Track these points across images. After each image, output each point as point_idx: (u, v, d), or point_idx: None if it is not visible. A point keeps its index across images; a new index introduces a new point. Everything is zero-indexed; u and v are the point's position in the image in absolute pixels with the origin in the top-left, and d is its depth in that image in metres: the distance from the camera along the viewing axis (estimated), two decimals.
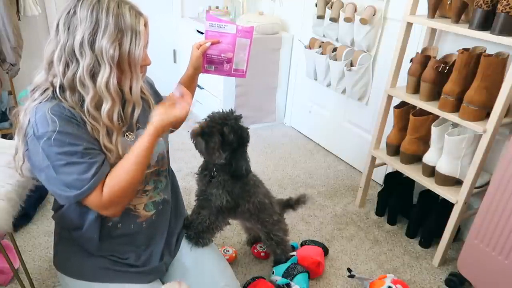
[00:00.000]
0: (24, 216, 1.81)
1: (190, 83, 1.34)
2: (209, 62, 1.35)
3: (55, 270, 1.59)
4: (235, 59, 1.35)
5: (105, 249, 1.11)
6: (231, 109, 1.28)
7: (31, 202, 1.84)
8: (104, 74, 0.93)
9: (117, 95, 0.98)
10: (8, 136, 2.32)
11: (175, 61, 3.33)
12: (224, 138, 1.23)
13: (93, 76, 0.94)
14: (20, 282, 1.35)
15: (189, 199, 1.99)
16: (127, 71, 0.98)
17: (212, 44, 1.31)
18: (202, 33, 2.83)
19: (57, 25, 0.93)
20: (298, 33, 2.81)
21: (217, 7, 3.12)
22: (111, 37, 0.92)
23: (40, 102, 0.93)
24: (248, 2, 3.07)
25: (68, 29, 0.92)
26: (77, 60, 0.92)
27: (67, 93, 0.95)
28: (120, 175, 0.98)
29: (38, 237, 1.77)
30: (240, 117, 1.27)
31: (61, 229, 1.15)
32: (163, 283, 1.21)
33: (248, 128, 1.31)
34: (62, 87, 0.95)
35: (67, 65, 0.93)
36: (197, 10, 3.12)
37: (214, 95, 2.80)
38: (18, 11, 2.27)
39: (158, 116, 1.01)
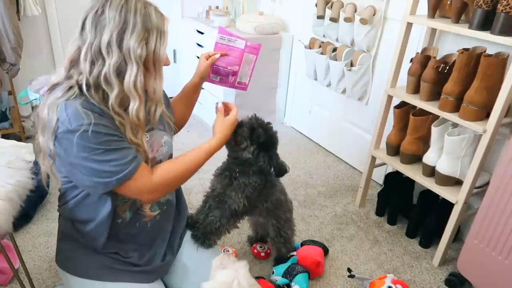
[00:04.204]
0: (24, 216, 1.81)
1: (195, 91, 1.37)
2: (215, 72, 1.39)
3: (55, 270, 1.60)
4: (240, 73, 1.40)
5: (111, 247, 1.12)
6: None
7: (31, 202, 1.83)
8: (131, 72, 0.95)
9: (143, 93, 1.00)
10: (9, 136, 2.32)
11: (175, 61, 3.33)
12: (252, 131, 1.30)
13: (119, 74, 0.95)
14: (20, 282, 1.35)
15: (189, 199, 1.99)
16: (151, 70, 1.00)
17: (220, 56, 1.35)
18: (202, 33, 2.83)
19: (83, 24, 0.94)
20: (298, 33, 2.81)
21: (217, 7, 3.12)
22: (139, 36, 0.94)
23: (67, 99, 0.94)
24: (248, 2, 3.07)
25: (96, 28, 0.93)
26: (103, 59, 0.94)
27: (92, 91, 0.96)
28: (177, 165, 1.08)
29: (38, 237, 1.77)
30: (268, 122, 1.37)
31: (66, 225, 1.15)
32: (164, 283, 1.22)
33: (276, 131, 1.37)
34: (87, 85, 0.96)
35: (92, 63, 0.94)
36: (197, 10, 3.12)
37: (214, 95, 2.80)
38: (18, 11, 2.27)
39: (220, 126, 1.18)
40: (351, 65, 2.31)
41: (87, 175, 0.95)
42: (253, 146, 1.31)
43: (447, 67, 1.59)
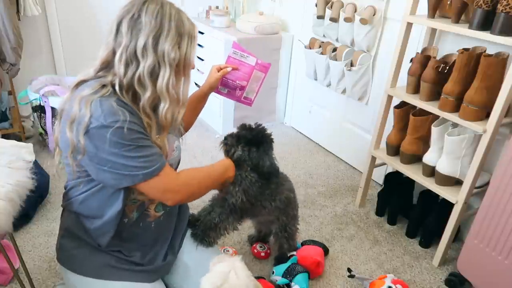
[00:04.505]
0: (24, 216, 1.81)
1: (202, 99, 1.45)
2: (223, 84, 1.46)
3: (55, 270, 1.60)
4: (247, 88, 1.46)
5: (114, 245, 1.13)
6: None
7: (31, 202, 1.83)
8: (164, 75, 1.00)
9: (174, 95, 1.04)
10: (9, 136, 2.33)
11: None
12: (239, 134, 1.36)
13: (152, 76, 0.99)
14: (20, 282, 1.35)
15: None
16: (181, 73, 1.05)
17: (231, 69, 1.43)
18: (202, 33, 2.83)
19: (118, 27, 0.98)
20: (298, 33, 2.81)
21: (217, 7, 3.12)
22: (173, 40, 0.99)
23: (101, 96, 0.96)
24: (248, 2, 3.07)
25: (132, 31, 0.97)
26: (138, 61, 0.98)
27: (124, 91, 0.99)
28: (199, 172, 1.20)
29: (38, 237, 1.77)
30: (258, 124, 1.40)
31: (69, 222, 1.15)
32: (164, 283, 1.22)
33: (266, 129, 1.39)
34: (120, 86, 0.99)
35: (127, 65, 0.98)
36: (197, 10, 3.12)
37: (215, 95, 2.79)
38: (18, 11, 2.28)
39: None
40: (351, 65, 2.32)
41: (114, 169, 0.97)
42: (241, 144, 1.34)
43: (447, 67, 1.59)
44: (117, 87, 0.98)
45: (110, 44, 1.00)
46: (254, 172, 1.34)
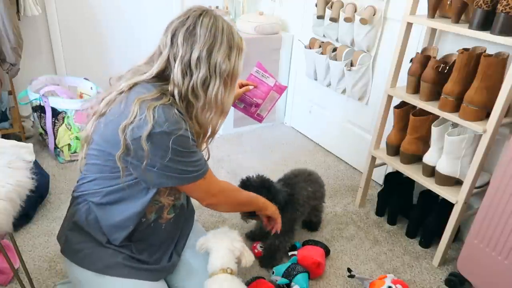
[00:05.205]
0: (24, 216, 1.81)
1: None
2: (241, 100, 1.53)
3: (55, 270, 1.60)
4: (261, 106, 1.55)
5: (125, 242, 1.15)
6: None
7: (31, 202, 1.83)
8: (215, 85, 1.05)
9: (222, 105, 1.10)
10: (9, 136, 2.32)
11: None
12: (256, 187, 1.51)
13: (204, 86, 1.04)
14: (20, 282, 1.35)
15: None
16: (228, 84, 1.10)
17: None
18: None
19: (173, 38, 1.03)
20: (298, 33, 2.81)
21: (217, 7, 3.12)
22: (225, 52, 1.04)
23: (163, 104, 1.00)
24: (248, 2, 3.07)
25: (187, 43, 1.02)
26: (191, 72, 1.03)
27: (181, 100, 1.04)
28: (234, 187, 1.31)
29: (38, 237, 1.77)
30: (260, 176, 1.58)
31: (80, 216, 1.14)
32: (167, 283, 1.24)
33: (267, 177, 1.58)
34: (179, 95, 1.04)
35: (183, 76, 1.03)
36: None
37: None
38: (18, 11, 2.27)
39: (273, 207, 1.44)
40: (351, 65, 2.32)
41: (163, 171, 1.02)
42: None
43: (447, 67, 1.59)
44: (176, 97, 1.03)
45: (165, 55, 1.04)
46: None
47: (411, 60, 1.73)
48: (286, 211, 1.59)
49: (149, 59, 1.10)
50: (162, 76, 1.06)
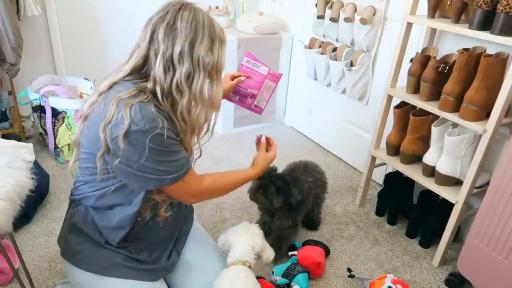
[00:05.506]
0: (24, 216, 1.81)
1: None
2: (235, 92, 1.49)
3: (55, 270, 1.60)
4: (258, 97, 1.50)
5: (123, 242, 1.14)
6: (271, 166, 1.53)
7: (31, 202, 1.83)
8: (199, 80, 1.03)
9: (207, 99, 1.08)
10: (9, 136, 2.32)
11: None
12: (276, 186, 1.56)
13: (188, 81, 1.02)
14: (20, 282, 1.35)
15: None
16: (213, 77, 1.08)
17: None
18: None
19: (153, 34, 1.00)
20: (298, 33, 2.81)
21: (217, 7, 3.12)
22: (207, 45, 1.02)
23: (140, 101, 0.97)
24: (248, 2, 3.07)
25: (168, 38, 0.99)
26: (174, 67, 1.00)
27: (162, 97, 1.01)
28: (223, 180, 1.24)
29: (38, 237, 1.77)
30: (275, 168, 1.62)
31: (77, 217, 1.14)
32: (166, 282, 1.24)
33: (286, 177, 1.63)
34: (162, 92, 1.01)
35: (165, 72, 1.00)
36: None
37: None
38: (18, 11, 2.27)
39: (262, 161, 1.36)
40: (351, 65, 2.31)
41: (141, 171, 0.99)
42: (281, 196, 1.60)
43: (447, 67, 1.59)
44: (159, 94, 1.00)
45: (143, 50, 1.01)
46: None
47: (411, 60, 1.73)
48: (291, 208, 1.63)
49: (129, 57, 1.07)
50: (141, 73, 1.03)
